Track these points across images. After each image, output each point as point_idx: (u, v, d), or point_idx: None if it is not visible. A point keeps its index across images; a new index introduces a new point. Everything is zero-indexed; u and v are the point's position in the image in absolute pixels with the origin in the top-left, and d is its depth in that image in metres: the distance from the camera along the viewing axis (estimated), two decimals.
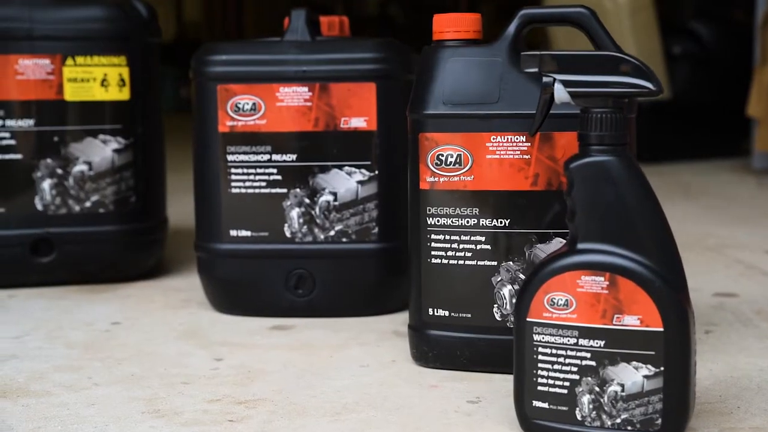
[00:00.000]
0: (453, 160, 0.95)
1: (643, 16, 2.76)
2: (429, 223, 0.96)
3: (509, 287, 0.95)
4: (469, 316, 0.96)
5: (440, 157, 0.95)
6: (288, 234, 1.17)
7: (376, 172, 1.16)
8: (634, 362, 0.75)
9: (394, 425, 0.83)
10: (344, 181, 1.16)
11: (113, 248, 1.35)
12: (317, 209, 1.17)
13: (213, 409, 0.87)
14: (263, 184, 1.17)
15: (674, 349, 0.74)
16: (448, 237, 0.96)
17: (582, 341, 0.77)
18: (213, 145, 1.17)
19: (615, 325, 0.76)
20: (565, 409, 0.77)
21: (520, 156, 0.94)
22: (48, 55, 1.30)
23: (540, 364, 0.78)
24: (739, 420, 0.83)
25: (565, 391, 0.77)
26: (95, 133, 1.33)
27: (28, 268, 1.33)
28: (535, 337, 0.78)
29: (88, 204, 1.33)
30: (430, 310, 0.97)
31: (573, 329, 0.77)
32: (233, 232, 1.18)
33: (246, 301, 1.19)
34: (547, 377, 0.78)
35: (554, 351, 0.78)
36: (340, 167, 1.16)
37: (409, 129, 0.98)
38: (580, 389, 0.77)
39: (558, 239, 0.93)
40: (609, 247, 0.76)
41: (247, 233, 1.18)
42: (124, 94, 1.34)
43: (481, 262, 0.95)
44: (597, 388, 0.76)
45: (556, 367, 0.77)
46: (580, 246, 0.77)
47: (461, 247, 0.95)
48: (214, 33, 5.95)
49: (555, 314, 0.77)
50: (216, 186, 1.18)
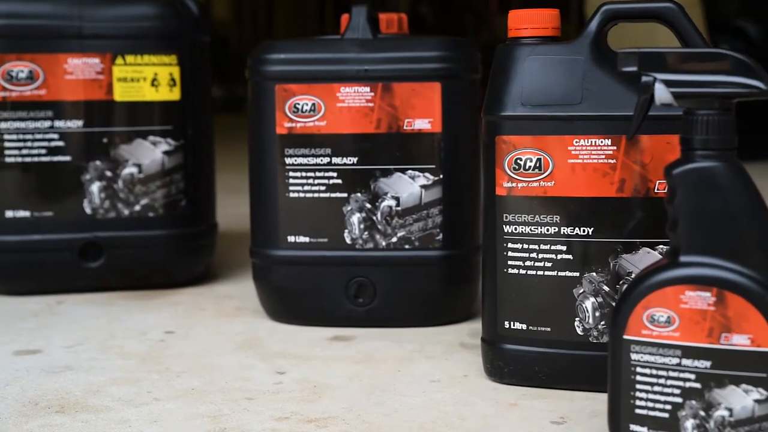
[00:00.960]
0: (532, 164, 0.90)
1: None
2: (506, 231, 0.91)
3: (592, 300, 0.89)
4: (549, 329, 0.91)
5: (518, 161, 0.90)
6: (348, 240, 1.12)
7: (441, 176, 1.11)
8: (744, 385, 0.70)
9: None
10: (407, 186, 1.11)
11: (162, 253, 1.31)
12: (379, 215, 1.12)
13: (282, 428, 0.82)
14: (322, 188, 1.12)
15: None
16: (526, 246, 0.91)
17: (686, 361, 0.71)
18: (270, 148, 1.13)
19: (723, 345, 0.70)
20: None
21: (605, 160, 0.88)
22: (97, 54, 1.26)
23: (638, 385, 0.73)
24: None
25: (667, 415, 0.72)
26: (145, 135, 1.28)
27: (77, 274, 1.29)
28: (633, 356, 0.73)
29: (137, 208, 1.29)
30: (506, 323, 0.92)
31: (676, 348, 0.71)
32: (291, 238, 1.13)
33: (303, 309, 1.15)
34: (646, 399, 0.72)
35: (654, 371, 0.72)
36: (403, 171, 1.11)
37: (484, 131, 0.93)
38: (683, 413, 0.71)
39: (645, 249, 0.88)
40: (715, 260, 0.71)
41: (306, 239, 1.13)
42: (175, 94, 1.29)
43: (561, 273, 0.90)
44: (702, 413, 0.71)
45: (657, 388, 0.72)
46: (683, 258, 0.72)
47: (540, 256, 0.90)
48: (244, 31, 5.92)
49: (655, 332, 0.72)
50: (273, 190, 1.13)
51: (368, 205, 1.12)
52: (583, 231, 0.89)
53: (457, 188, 1.12)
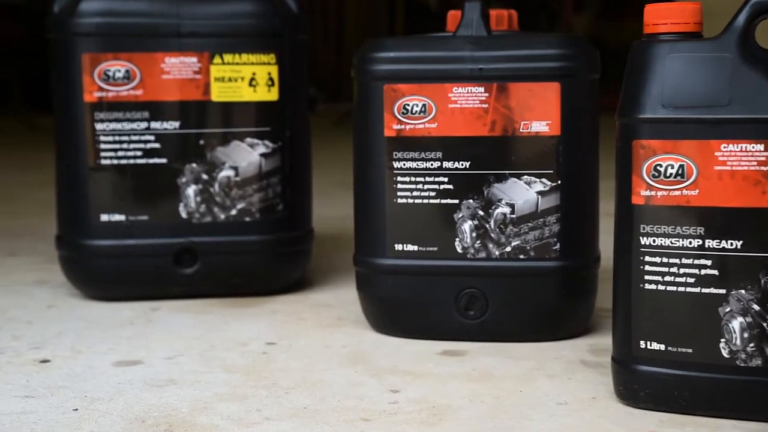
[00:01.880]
0: (674, 171, 0.83)
1: None
2: (643, 243, 0.84)
3: (740, 320, 0.82)
4: (690, 351, 0.83)
5: (658, 167, 0.83)
6: (459, 249, 1.06)
7: (559, 182, 1.04)
8: None
9: None
10: (523, 192, 1.05)
11: (258, 259, 1.26)
12: (492, 222, 1.05)
13: None
14: (432, 193, 1.06)
15: None
16: (666, 260, 0.83)
17: None
18: (377, 151, 1.07)
19: None
20: None
21: (757, 168, 0.81)
22: (195, 53, 1.22)
23: None
24: None
25: None
26: (242, 136, 1.24)
27: (171, 280, 1.25)
28: None
29: (233, 212, 1.25)
30: (642, 343, 0.85)
31: None
32: (398, 247, 1.07)
33: (410, 322, 1.09)
34: None
35: None
36: (519, 176, 1.05)
37: (618, 135, 0.86)
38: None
39: None
40: None
41: (414, 248, 1.07)
42: (273, 95, 1.25)
43: (705, 290, 0.83)
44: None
45: None
46: None
47: (682, 271, 0.83)
48: (315, 28, 5.89)
49: None
50: (380, 195, 1.07)
51: (481, 212, 1.06)
52: (731, 244, 0.82)
53: (576, 195, 1.06)
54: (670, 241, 0.83)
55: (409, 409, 0.87)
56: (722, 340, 0.83)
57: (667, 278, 0.84)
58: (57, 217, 1.27)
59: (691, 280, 0.83)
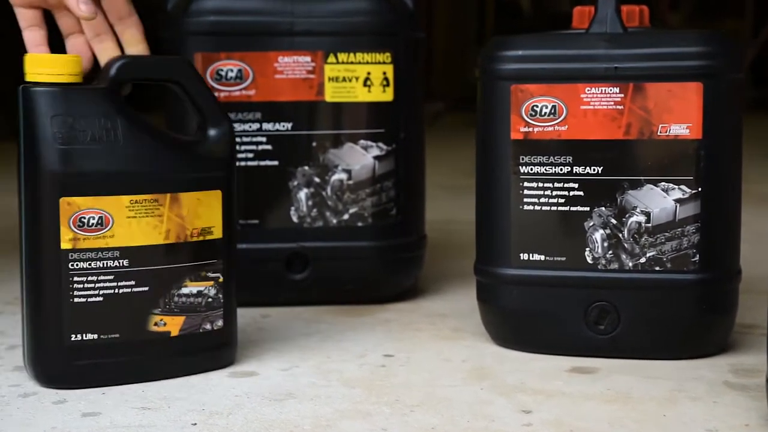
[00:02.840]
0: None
1: None
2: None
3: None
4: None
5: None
6: (589, 260, 1.00)
7: (699, 189, 0.97)
8: None
9: None
10: (660, 200, 0.98)
11: (370, 266, 1.22)
12: (626, 232, 0.99)
13: None
14: (561, 200, 1.00)
15: None
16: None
17: None
18: (503, 155, 1.02)
19: None
20: None
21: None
22: (309, 52, 1.18)
23: None
24: None
25: None
26: (355, 138, 1.19)
27: (281, 286, 1.21)
28: None
29: (345, 216, 1.20)
30: None
31: None
32: (524, 256, 1.02)
33: (535, 336, 1.03)
34: None
35: None
36: (655, 183, 0.98)
37: None
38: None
39: None
40: None
41: (541, 257, 1.01)
42: (388, 95, 1.20)
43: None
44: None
45: None
46: None
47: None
48: None
49: None
50: (505, 202, 1.02)
51: (613, 221, 0.99)
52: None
53: (718, 203, 0.98)
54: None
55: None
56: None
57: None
58: None
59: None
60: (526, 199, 1.01)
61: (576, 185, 1.00)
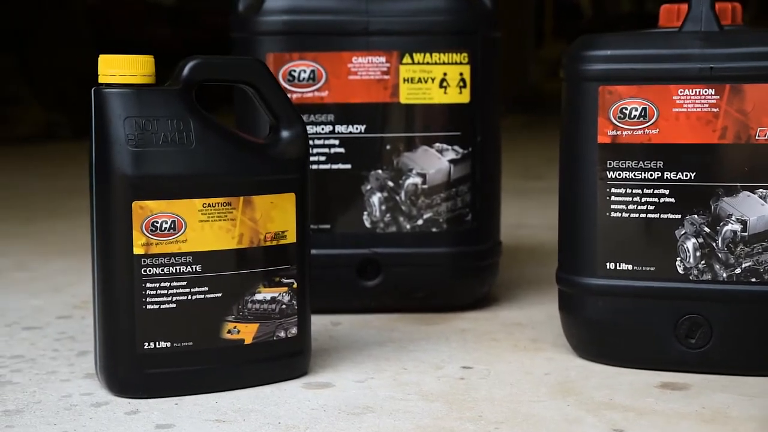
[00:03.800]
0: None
1: None
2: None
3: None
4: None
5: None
6: (680, 270, 0.95)
7: None
8: None
9: None
10: (757, 207, 0.93)
11: (445, 273, 1.18)
12: (720, 241, 0.94)
13: None
14: (651, 207, 0.95)
15: None
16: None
17: None
18: (589, 159, 0.97)
19: None
20: None
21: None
22: (383, 53, 1.14)
23: None
24: None
25: None
26: (430, 141, 1.16)
27: (353, 293, 1.18)
28: None
29: (419, 222, 1.17)
30: None
31: None
32: (610, 265, 0.97)
33: (622, 349, 0.98)
34: None
35: None
36: (752, 189, 0.93)
37: None
38: None
39: None
40: None
41: (628, 267, 0.96)
42: (464, 97, 1.16)
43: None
44: None
45: None
46: None
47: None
48: None
49: None
50: (591, 208, 0.97)
51: (707, 230, 0.94)
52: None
53: None
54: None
55: None
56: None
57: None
58: None
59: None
60: (613, 206, 0.96)
61: (667, 191, 0.95)
